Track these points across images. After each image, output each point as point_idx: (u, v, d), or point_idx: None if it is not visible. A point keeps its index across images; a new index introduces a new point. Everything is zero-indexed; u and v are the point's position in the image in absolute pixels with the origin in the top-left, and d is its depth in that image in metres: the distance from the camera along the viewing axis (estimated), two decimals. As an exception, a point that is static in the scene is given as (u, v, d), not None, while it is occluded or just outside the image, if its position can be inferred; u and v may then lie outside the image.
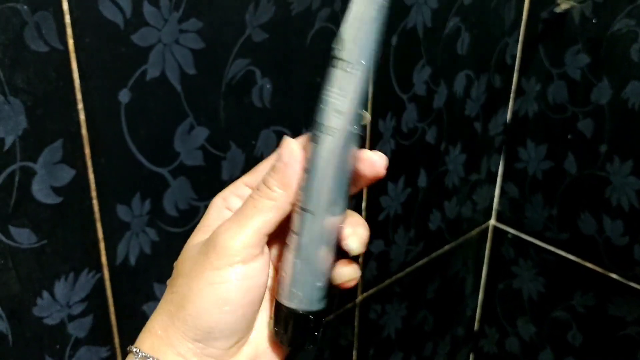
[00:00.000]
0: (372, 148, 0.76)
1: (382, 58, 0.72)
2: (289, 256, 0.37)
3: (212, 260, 0.34)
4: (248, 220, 0.35)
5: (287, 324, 0.37)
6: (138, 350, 0.36)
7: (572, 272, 0.94)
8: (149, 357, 0.35)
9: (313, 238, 0.36)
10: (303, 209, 0.35)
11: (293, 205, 0.35)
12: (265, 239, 0.36)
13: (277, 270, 0.39)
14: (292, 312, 0.37)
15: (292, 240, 0.36)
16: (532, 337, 1.04)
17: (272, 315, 0.38)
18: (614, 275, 0.89)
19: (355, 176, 0.36)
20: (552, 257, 0.96)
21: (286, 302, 0.37)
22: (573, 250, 0.93)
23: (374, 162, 0.35)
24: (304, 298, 0.37)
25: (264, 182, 0.36)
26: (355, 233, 0.36)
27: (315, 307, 0.37)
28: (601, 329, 0.94)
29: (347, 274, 0.37)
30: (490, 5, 0.83)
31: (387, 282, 0.89)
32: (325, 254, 0.36)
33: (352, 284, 0.37)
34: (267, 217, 0.35)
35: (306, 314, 0.37)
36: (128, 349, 0.37)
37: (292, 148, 0.35)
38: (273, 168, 0.36)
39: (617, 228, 0.87)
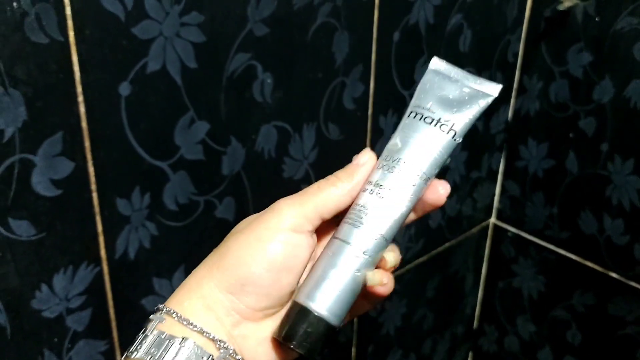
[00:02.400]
0: (372, 145, 0.76)
1: (384, 54, 0.72)
2: (327, 262, 0.38)
3: (267, 219, 0.37)
4: (309, 196, 0.38)
5: (302, 324, 0.37)
6: (163, 306, 0.37)
7: (572, 271, 0.94)
8: (172, 312, 0.36)
9: (365, 260, 0.38)
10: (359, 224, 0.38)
11: (352, 199, 0.39)
12: (318, 222, 0.38)
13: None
14: (312, 314, 0.37)
15: (339, 248, 0.38)
16: (531, 336, 1.04)
17: (286, 314, 0.38)
18: (614, 275, 0.89)
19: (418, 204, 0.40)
20: (553, 255, 0.96)
21: (308, 302, 0.37)
22: (573, 249, 0.93)
23: (438, 192, 0.40)
24: (330, 306, 0.37)
25: (335, 173, 0.39)
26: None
27: (334, 322, 0.38)
28: (601, 328, 0.93)
29: (376, 279, 0.38)
30: (492, 2, 0.83)
31: (386, 279, 0.89)
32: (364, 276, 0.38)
33: (381, 290, 0.38)
34: (327, 198, 0.38)
35: (327, 321, 0.37)
36: (157, 307, 0.38)
37: (370, 156, 0.40)
38: (345, 167, 0.40)
39: (617, 227, 0.87)
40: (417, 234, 0.90)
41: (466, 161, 0.92)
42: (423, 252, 0.93)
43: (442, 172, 0.89)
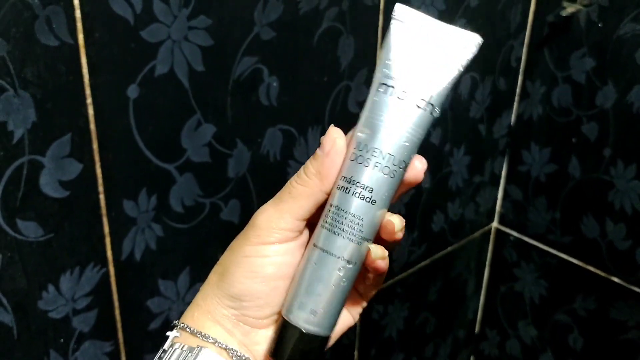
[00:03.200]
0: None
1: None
2: (311, 275, 0.36)
3: (250, 237, 0.37)
4: (283, 205, 0.36)
5: (295, 343, 0.35)
6: (178, 322, 0.38)
7: (574, 275, 0.94)
8: (186, 327, 0.37)
9: (351, 267, 0.35)
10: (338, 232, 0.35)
11: (328, 195, 0.36)
12: (302, 223, 0.37)
13: None
14: (300, 331, 0.35)
15: (321, 260, 0.35)
16: (533, 340, 1.04)
17: (276, 332, 0.37)
18: (615, 279, 0.89)
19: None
20: (555, 260, 0.96)
21: (295, 319, 0.36)
22: (575, 253, 0.94)
23: (416, 168, 0.36)
24: (320, 322, 0.36)
25: (304, 168, 0.37)
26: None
27: (326, 334, 0.36)
28: (602, 332, 0.94)
29: (378, 252, 0.36)
30: (496, 7, 0.83)
31: (389, 282, 0.89)
32: (349, 283, 0.36)
33: (382, 264, 0.36)
34: (301, 204, 0.36)
35: (319, 335, 0.36)
36: (173, 323, 0.39)
37: (335, 137, 0.36)
38: (314, 155, 0.36)
39: (619, 232, 0.87)
40: (419, 238, 0.90)
41: (469, 165, 0.92)
42: (425, 256, 0.93)
43: (444, 176, 0.89)
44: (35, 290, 0.52)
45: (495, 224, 1.04)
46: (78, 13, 0.47)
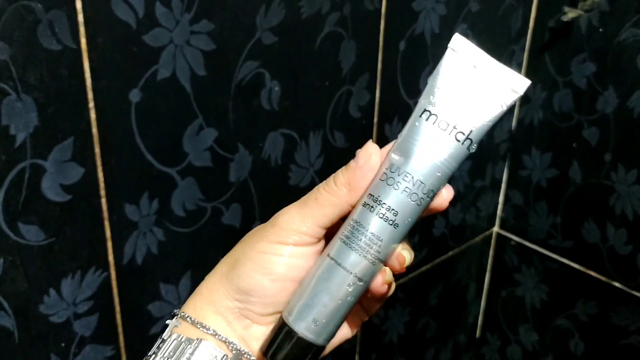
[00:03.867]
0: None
1: (390, 63, 0.72)
2: (319, 284, 0.36)
3: (269, 234, 0.37)
4: (307, 210, 0.36)
5: (290, 347, 0.36)
6: (178, 311, 0.38)
7: (575, 280, 0.94)
8: (186, 316, 0.38)
9: (362, 280, 0.35)
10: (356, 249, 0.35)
11: (353, 207, 0.36)
12: (322, 231, 0.37)
13: None
14: (297, 336, 0.36)
15: (331, 271, 0.36)
16: (534, 345, 1.04)
17: (274, 332, 0.37)
18: (617, 284, 0.89)
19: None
20: (556, 265, 0.96)
21: (295, 323, 0.36)
22: (576, 258, 0.94)
23: (442, 196, 0.36)
24: (319, 330, 0.36)
25: (334, 176, 0.37)
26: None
27: (322, 344, 0.36)
28: (603, 337, 0.93)
29: (390, 276, 0.37)
30: (497, 12, 0.83)
31: (390, 287, 0.89)
32: (357, 297, 0.36)
33: (386, 288, 0.37)
34: (325, 212, 0.36)
35: (315, 344, 0.36)
36: (173, 312, 0.39)
37: (371, 153, 0.36)
38: (347, 165, 0.37)
39: (620, 237, 0.87)
40: (420, 242, 0.90)
41: (470, 170, 0.92)
42: (426, 261, 0.93)
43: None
44: (36, 294, 0.52)
45: (496, 229, 1.04)
46: (80, 17, 0.47)
